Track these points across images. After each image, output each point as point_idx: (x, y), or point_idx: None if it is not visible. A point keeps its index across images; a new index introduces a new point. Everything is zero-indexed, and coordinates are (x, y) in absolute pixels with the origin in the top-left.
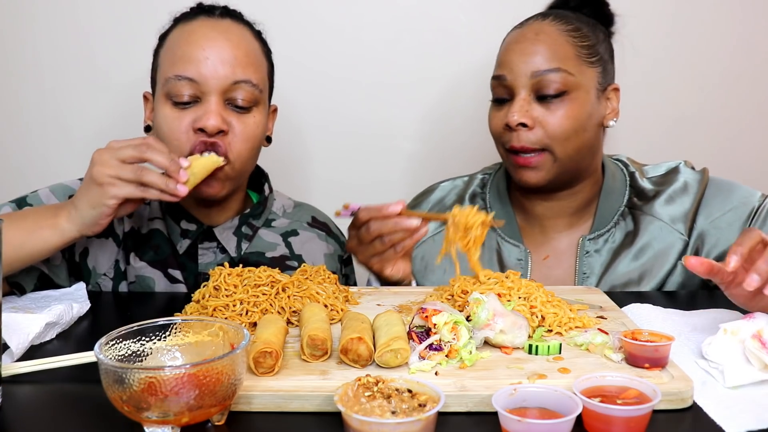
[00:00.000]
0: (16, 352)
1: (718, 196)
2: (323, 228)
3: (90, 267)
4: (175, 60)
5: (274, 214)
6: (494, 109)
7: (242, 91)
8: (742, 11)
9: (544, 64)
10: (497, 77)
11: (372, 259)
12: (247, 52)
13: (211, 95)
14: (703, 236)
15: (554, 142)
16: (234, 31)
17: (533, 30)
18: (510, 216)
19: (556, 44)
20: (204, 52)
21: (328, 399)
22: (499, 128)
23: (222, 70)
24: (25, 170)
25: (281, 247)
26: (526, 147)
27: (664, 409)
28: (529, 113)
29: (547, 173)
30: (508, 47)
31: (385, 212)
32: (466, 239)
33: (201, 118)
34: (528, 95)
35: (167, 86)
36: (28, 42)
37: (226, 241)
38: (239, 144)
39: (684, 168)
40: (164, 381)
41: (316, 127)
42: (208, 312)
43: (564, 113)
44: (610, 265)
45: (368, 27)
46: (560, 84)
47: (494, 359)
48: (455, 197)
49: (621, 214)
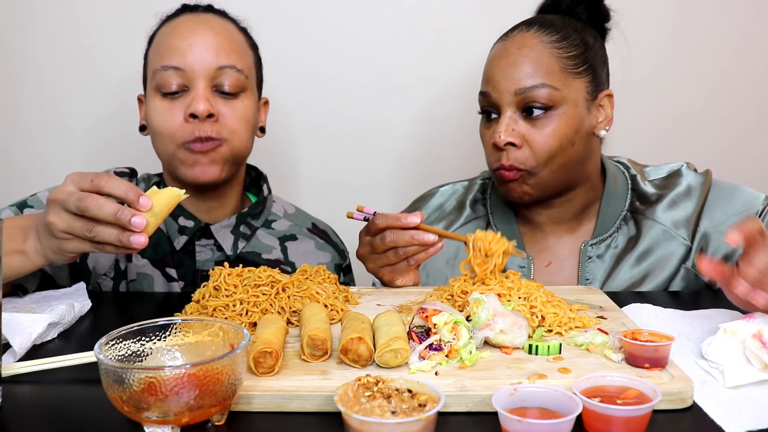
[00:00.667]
0: (19, 352)
1: (721, 199)
2: (323, 236)
3: (90, 267)
4: (162, 53)
5: (274, 215)
6: (484, 124)
7: (228, 76)
8: (742, 11)
9: (527, 80)
10: (483, 93)
11: (383, 269)
12: (230, 39)
13: (198, 81)
14: (707, 240)
15: (539, 163)
16: (217, 21)
17: (516, 44)
18: (512, 223)
19: (540, 58)
20: (188, 41)
21: (328, 399)
22: (489, 145)
23: (206, 56)
24: (25, 170)
25: (276, 251)
26: (515, 166)
27: (664, 409)
28: (516, 131)
29: (533, 189)
30: (492, 62)
31: (402, 223)
32: (485, 266)
33: (190, 104)
34: (514, 113)
35: (155, 79)
36: (28, 42)
37: (222, 239)
38: (232, 125)
39: (686, 170)
40: (164, 381)
41: (314, 127)
42: (208, 312)
43: (550, 130)
44: (613, 270)
45: (367, 27)
46: (545, 100)
47: (494, 359)
48: (456, 202)
49: (623, 219)
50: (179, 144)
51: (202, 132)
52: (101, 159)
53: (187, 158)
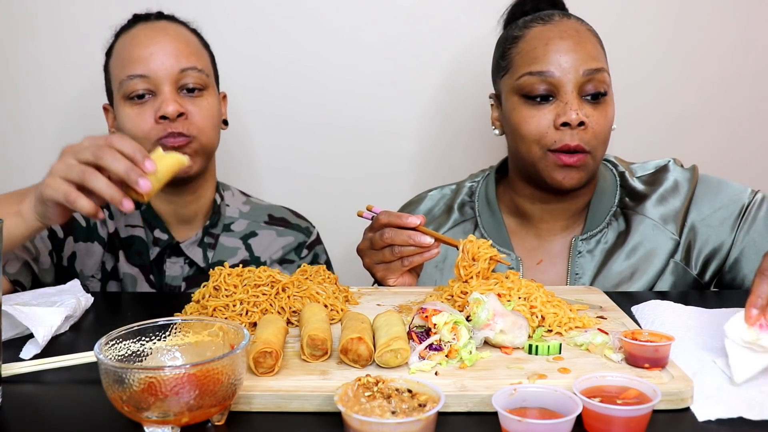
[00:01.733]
0: (42, 343)
1: (708, 194)
2: (281, 223)
3: (78, 270)
4: (125, 63)
5: (229, 218)
6: (532, 107)
7: (190, 77)
8: (741, 11)
9: (592, 62)
10: (541, 73)
11: (378, 266)
12: (187, 43)
13: (164, 85)
14: (694, 234)
15: (598, 143)
16: (172, 27)
17: (572, 27)
18: (499, 224)
19: (595, 44)
20: (149, 49)
21: (328, 399)
22: (543, 128)
23: (168, 62)
24: (25, 170)
25: (242, 251)
26: (581, 146)
27: (664, 409)
28: (584, 112)
29: (586, 174)
30: (551, 43)
31: (402, 222)
32: (470, 270)
33: (160, 107)
34: (576, 93)
35: (122, 88)
36: (28, 42)
37: (193, 255)
38: (200, 122)
39: (673, 166)
40: (164, 381)
41: (316, 125)
42: (208, 312)
43: (606, 114)
44: (602, 265)
45: (368, 27)
46: (606, 84)
47: (494, 359)
48: (444, 206)
49: (613, 215)
50: (153, 142)
51: (172, 128)
52: None
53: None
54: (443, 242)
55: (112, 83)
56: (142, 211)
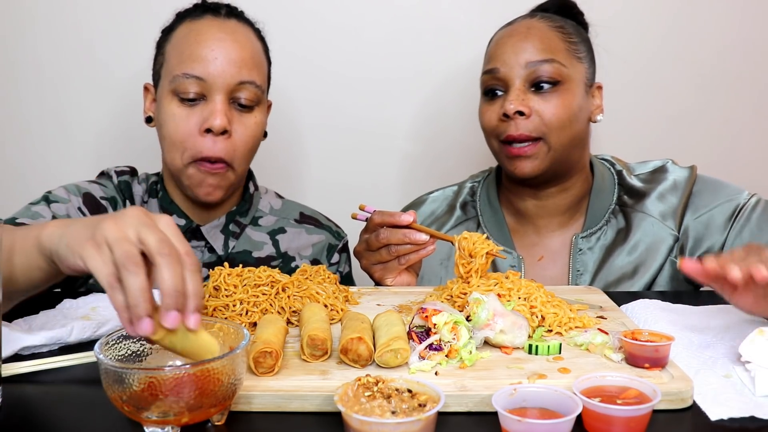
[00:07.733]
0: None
1: (704, 193)
2: (312, 222)
3: None
4: (183, 58)
5: (260, 212)
6: (486, 103)
7: (246, 91)
8: (740, 11)
9: (537, 55)
10: (490, 71)
11: (375, 266)
12: (253, 53)
13: (218, 94)
14: (689, 232)
15: (550, 130)
16: (240, 31)
17: (524, 26)
18: (501, 222)
19: (547, 38)
20: (213, 52)
21: (328, 399)
22: (493, 121)
23: (229, 70)
24: (25, 170)
25: (268, 247)
26: (524, 135)
27: (664, 409)
28: (525, 102)
29: (541, 162)
30: (500, 42)
31: (395, 220)
32: (469, 267)
33: (208, 118)
34: (522, 86)
35: (174, 83)
36: (28, 41)
37: (213, 240)
38: (241, 144)
39: (672, 166)
40: (164, 381)
41: (314, 125)
42: (208, 312)
43: (558, 102)
44: (603, 262)
45: (368, 26)
46: (554, 74)
47: (494, 359)
48: (446, 207)
49: (612, 212)
50: (188, 159)
51: (213, 152)
52: (101, 159)
53: (195, 176)
54: (438, 238)
55: (163, 68)
56: (159, 198)
